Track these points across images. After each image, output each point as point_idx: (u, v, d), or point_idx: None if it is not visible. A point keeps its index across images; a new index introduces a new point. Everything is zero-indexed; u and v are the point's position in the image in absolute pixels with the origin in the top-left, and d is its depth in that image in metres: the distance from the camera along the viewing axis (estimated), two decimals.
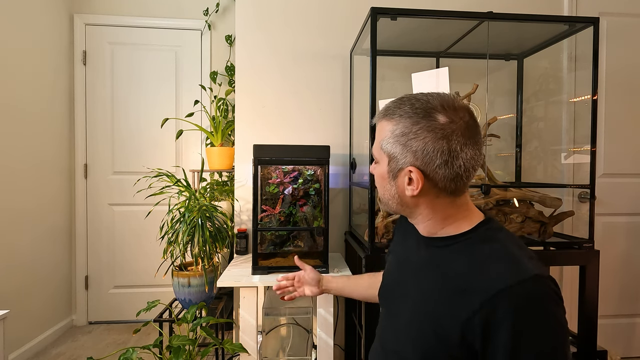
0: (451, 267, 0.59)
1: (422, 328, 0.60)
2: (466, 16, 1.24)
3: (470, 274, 0.56)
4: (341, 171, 1.69)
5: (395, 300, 0.70)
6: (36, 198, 1.93)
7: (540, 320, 0.50)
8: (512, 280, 0.51)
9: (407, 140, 0.59)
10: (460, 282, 0.56)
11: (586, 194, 1.41)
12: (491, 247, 0.58)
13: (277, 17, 1.67)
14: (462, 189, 0.62)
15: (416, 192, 0.60)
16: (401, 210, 0.67)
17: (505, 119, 1.70)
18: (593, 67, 1.23)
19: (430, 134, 0.57)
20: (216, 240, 1.38)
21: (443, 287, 0.59)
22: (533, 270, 0.53)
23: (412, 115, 0.59)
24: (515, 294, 0.50)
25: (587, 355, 1.21)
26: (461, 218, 0.63)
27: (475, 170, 0.61)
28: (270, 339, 1.32)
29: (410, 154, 0.59)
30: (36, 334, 1.94)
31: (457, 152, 0.57)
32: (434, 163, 0.58)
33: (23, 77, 1.85)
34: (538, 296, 0.51)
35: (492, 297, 0.51)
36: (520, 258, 0.55)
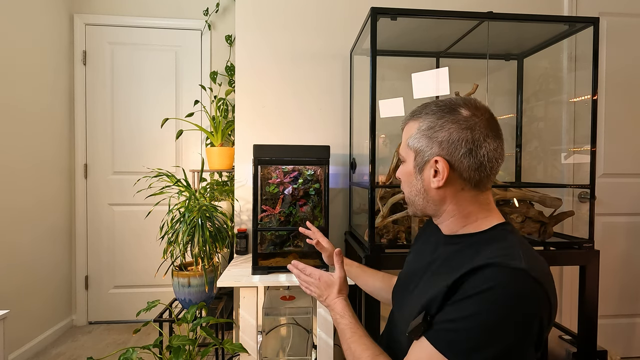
0: (457, 260, 0.61)
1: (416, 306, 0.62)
2: (466, 16, 1.24)
3: (465, 259, 0.58)
4: (341, 171, 1.69)
5: (404, 295, 0.73)
6: (36, 198, 1.93)
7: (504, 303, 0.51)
8: (499, 261, 0.54)
9: (433, 132, 0.63)
10: (454, 266, 0.59)
11: (586, 194, 1.41)
12: (497, 244, 0.60)
13: (277, 17, 1.67)
14: (485, 182, 0.64)
15: (442, 183, 0.62)
16: (427, 207, 0.68)
17: (505, 119, 1.70)
18: (593, 67, 1.23)
19: (454, 125, 0.61)
20: (216, 240, 1.38)
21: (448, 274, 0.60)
22: (522, 265, 0.53)
23: (437, 112, 0.63)
24: (496, 272, 0.53)
25: (587, 355, 1.21)
26: (482, 217, 0.65)
27: (499, 163, 0.64)
28: (270, 339, 1.32)
29: (436, 145, 0.62)
30: (36, 334, 1.94)
31: (481, 141, 0.61)
32: (459, 152, 0.61)
33: (23, 77, 1.85)
34: (516, 286, 0.52)
35: (476, 268, 0.54)
36: (517, 254, 0.56)
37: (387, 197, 1.35)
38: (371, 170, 1.18)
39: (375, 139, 1.18)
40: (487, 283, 0.52)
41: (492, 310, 0.51)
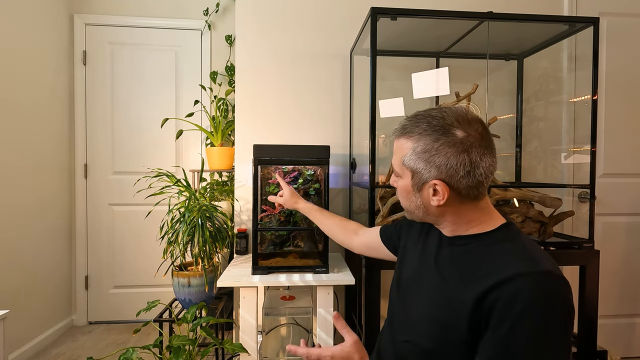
0: (469, 261, 0.63)
1: (435, 316, 0.64)
2: (466, 16, 1.24)
3: (486, 265, 0.60)
4: (341, 171, 1.69)
5: (412, 293, 0.73)
6: (36, 197, 1.93)
7: (542, 312, 0.52)
8: (524, 270, 0.55)
9: (430, 156, 0.63)
10: (476, 272, 0.60)
11: (586, 194, 1.41)
12: (512, 246, 0.62)
13: (277, 17, 1.67)
14: (483, 192, 0.66)
15: (442, 202, 0.64)
16: (427, 218, 0.71)
17: (505, 119, 1.70)
18: (593, 67, 1.23)
19: (451, 149, 0.62)
20: (216, 240, 1.38)
21: (460, 278, 0.63)
22: (547, 266, 0.56)
23: (431, 133, 0.63)
24: (525, 282, 0.54)
25: (587, 355, 1.21)
26: (484, 221, 0.67)
27: (493, 174, 0.66)
28: (270, 339, 1.32)
29: (434, 169, 0.63)
30: (36, 334, 1.94)
31: (478, 162, 0.62)
32: (458, 175, 0.62)
33: (23, 77, 1.85)
34: (546, 289, 0.54)
35: (503, 281, 0.55)
36: (536, 256, 0.59)
37: (387, 197, 1.35)
38: (371, 170, 1.18)
39: (375, 139, 1.18)
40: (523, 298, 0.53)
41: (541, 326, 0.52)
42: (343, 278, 1.26)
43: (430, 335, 0.64)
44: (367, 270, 1.15)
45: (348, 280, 1.25)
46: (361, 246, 1.04)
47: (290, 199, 1.16)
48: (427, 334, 0.64)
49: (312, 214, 1.14)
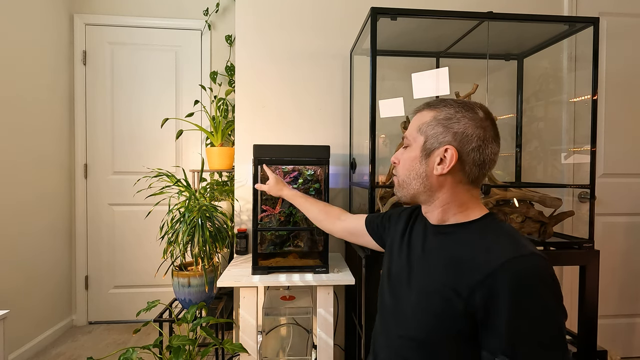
0: (457, 250, 0.66)
1: (427, 307, 0.65)
2: (466, 16, 1.24)
3: (475, 254, 0.62)
4: (341, 171, 1.69)
5: (403, 286, 0.74)
6: (36, 199, 1.93)
7: (536, 290, 0.56)
8: (511, 255, 0.58)
9: (450, 123, 0.67)
10: (465, 261, 0.62)
11: (586, 194, 1.41)
12: (494, 233, 0.65)
13: (277, 17, 1.67)
14: (480, 180, 0.70)
15: (446, 170, 0.67)
16: (421, 193, 0.72)
17: (505, 119, 1.70)
18: (593, 67, 1.23)
19: (471, 122, 0.67)
20: (216, 240, 1.38)
21: (449, 268, 0.64)
22: (531, 249, 0.60)
23: (456, 106, 0.69)
24: (514, 267, 0.57)
25: (587, 355, 1.21)
26: (472, 207, 0.70)
27: (494, 166, 0.70)
28: (270, 339, 1.32)
29: (450, 135, 0.67)
30: (36, 334, 1.94)
31: (489, 141, 0.67)
32: (470, 146, 0.66)
33: (23, 77, 1.85)
34: (535, 269, 0.57)
35: (494, 270, 0.57)
36: (519, 240, 0.62)
37: (387, 197, 1.35)
38: (371, 170, 1.18)
39: (375, 139, 1.18)
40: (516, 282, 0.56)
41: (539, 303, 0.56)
42: (343, 278, 1.26)
43: (425, 327, 0.65)
44: (367, 270, 1.15)
45: (348, 280, 1.25)
46: (343, 231, 1.07)
47: (275, 186, 1.19)
48: (421, 326, 0.65)
49: (297, 200, 1.17)
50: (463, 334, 0.61)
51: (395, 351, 0.71)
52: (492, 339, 0.57)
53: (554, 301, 0.56)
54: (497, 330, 0.56)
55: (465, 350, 0.61)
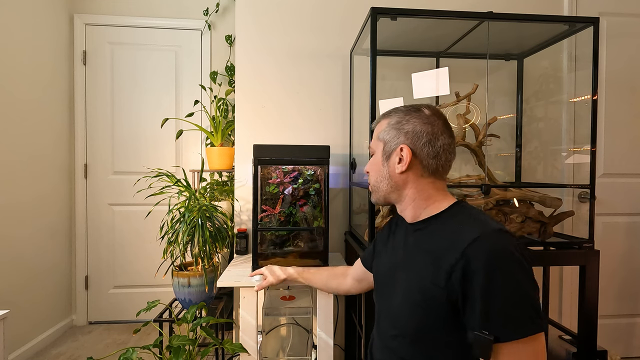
0: (433, 242, 0.70)
1: (413, 302, 0.69)
2: (466, 16, 1.24)
3: (448, 241, 0.67)
4: (341, 171, 1.69)
5: (390, 286, 0.78)
6: (36, 199, 1.93)
7: (507, 262, 0.60)
8: (477, 234, 0.63)
9: (401, 125, 0.76)
10: (441, 249, 0.67)
11: (586, 194, 1.41)
12: (463, 218, 0.70)
13: (277, 17, 1.67)
14: (441, 172, 0.76)
15: (405, 167, 0.74)
16: (391, 192, 0.78)
17: (505, 119, 1.70)
18: (593, 67, 1.23)
19: (418, 120, 0.75)
20: (216, 240, 1.38)
21: (427, 261, 0.69)
22: (497, 226, 0.65)
23: (405, 111, 0.77)
24: (481, 245, 0.61)
25: (587, 355, 1.20)
26: (440, 199, 0.76)
27: (452, 157, 0.77)
28: (270, 339, 1.32)
29: (402, 135, 0.75)
30: (36, 334, 1.94)
31: (438, 135, 0.74)
32: (421, 141, 0.74)
33: (23, 77, 1.85)
34: (500, 245, 0.62)
35: (465, 250, 0.62)
36: (486, 220, 0.68)
37: None
38: None
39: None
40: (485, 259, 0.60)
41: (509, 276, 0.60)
42: None
43: (413, 322, 0.68)
44: None
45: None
46: (353, 283, 1.06)
47: (272, 275, 1.15)
48: (410, 321, 0.69)
49: (304, 275, 1.14)
50: (450, 321, 0.64)
51: (391, 351, 0.73)
52: (471, 316, 0.61)
53: (523, 274, 0.60)
54: (474, 308, 0.60)
55: (457, 339, 0.64)
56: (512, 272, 0.59)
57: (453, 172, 1.68)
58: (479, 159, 1.40)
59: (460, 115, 1.42)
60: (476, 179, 1.35)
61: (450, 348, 0.66)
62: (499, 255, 0.60)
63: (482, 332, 0.59)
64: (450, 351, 0.66)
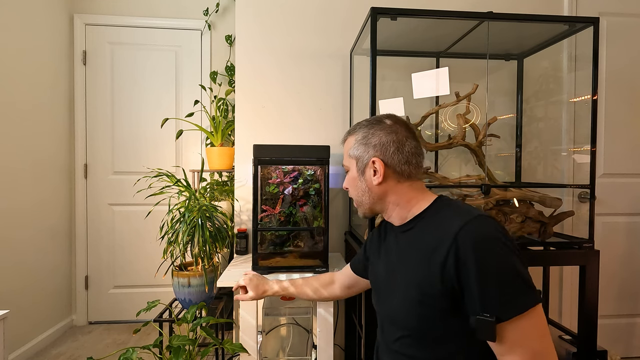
0: (423, 240, 0.72)
1: (412, 297, 0.70)
2: (466, 16, 1.24)
3: (436, 235, 0.69)
4: (341, 171, 1.69)
5: (389, 290, 0.79)
6: (36, 198, 1.93)
7: (493, 243, 0.62)
8: (462, 222, 0.65)
9: (367, 140, 0.78)
10: (431, 244, 0.69)
11: (586, 194, 1.41)
12: (446, 210, 0.73)
13: (277, 17, 1.67)
14: (415, 173, 0.78)
15: (381, 178, 0.76)
16: (374, 204, 0.81)
17: (505, 119, 1.70)
18: (593, 67, 1.23)
19: (382, 131, 0.78)
20: (216, 240, 1.38)
21: (420, 256, 0.70)
22: (478, 212, 0.68)
23: (368, 125, 0.80)
24: (468, 229, 0.64)
25: (587, 355, 1.20)
26: (421, 199, 0.78)
27: (421, 158, 0.80)
28: (270, 339, 1.32)
29: (371, 149, 0.78)
30: (36, 334, 1.94)
31: (403, 141, 0.77)
32: (389, 151, 0.76)
33: (23, 77, 1.85)
34: (486, 227, 0.64)
35: (453, 240, 0.64)
36: (468, 208, 0.71)
37: None
38: None
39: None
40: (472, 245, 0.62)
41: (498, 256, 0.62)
42: None
43: (414, 318, 0.69)
44: None
45: None
46: (342, 289, 1.06)
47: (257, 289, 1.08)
48: (411, 318, 0.70)
49: (290, 290, 1.08)
50: (451, 313, 0.65)
51: (398, 353, 0.74)
52: (470, 302, 0.63)
53: (509, 252, 0.62)
54: (472, 293, 0.62)
55: (460, 328, 0.65)
56: (499, 252, 0.62)
57: (453, 172, 1.68)
58: (479, 159, 1.40)
59: (460, 115, 1.42)
60: (476, 179, 1.35)
61: (456, 337, 0.67)
62: (485, 238, 0.63)
63: (484, 315, 0.60)
64: (456, 340, 0.67)
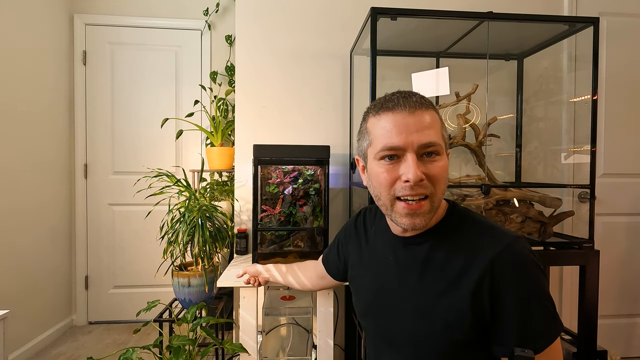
0: (444, 260, 0.62)
1: (432, 328, 0.61)
2: (466, 16, 1.24)
3: (465, 256, 0.60)
4: (341, 171, 1.69)
5: (384, 307, 0.69)
6: (36, 199, 1.93)
7: (533, 272, 0.57)
8: (499, 245, 0.58)
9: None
10: (457, 268, 0.60)
11: (586, 194, 1.41)
12: (471, 226, 0.64)
13: (277, 17, 1.67)
14: None
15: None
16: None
17: (505, 119, 1.70)
18: (593, 67, 1.23)
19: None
20: (216, 240, 1.38)
21: (443, 281, 0.61)
22: (511, 233, 0.61)
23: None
24: (507, 256, 0.57)
25: (587, 355, 1.21)
26: None
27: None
28: (270, 339, 1.32)
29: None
30: (36, 334, 1.94)
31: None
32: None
33: (23, 78, 1.85)
34: (525, 253, 0.58)
35: (489, 265, 0.57)
36: (496, 227, 0.63)
37: None
38: None
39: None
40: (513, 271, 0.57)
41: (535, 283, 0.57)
42: None
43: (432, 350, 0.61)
44: None
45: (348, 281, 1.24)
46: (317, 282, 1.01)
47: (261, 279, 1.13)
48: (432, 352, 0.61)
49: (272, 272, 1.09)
50: (476, 345, 0.59)
51: None
52: (503, 333, 0.57)
53: (544, 279, 0.59)
54: (509, 324, 0.57)
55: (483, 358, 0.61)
56: (537, 281, 0.57)
57: (453, 172, 1.68)
58: (479, 159, 1.40)
59: (460, 115, 1.42)
60: (476, 179, 1.35)
61: None
62: (526, 266, 0.57)
63: (523, 351, 0.55)
64: None
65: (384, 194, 0.62)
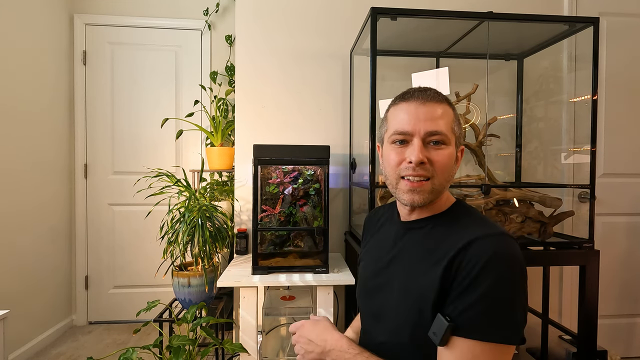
0: (432, 241, 0.66)
1: (412, 305, 0.64)
2: (466, 16, 1.24)
3: (448, 239, 0.63)
4: (341, 171, 1.69)
5: (382, 290, 0.72)
6: (36, 199, 1.93)
7: (501, 263, 0.57)
8: (482, 233, 0.60)
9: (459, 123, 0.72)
10: (440, 248, 0.63)
11: (586, 194, 1.41)
12: (468, 219, 0.67)
13: (277, 17, 1.67)
14: None
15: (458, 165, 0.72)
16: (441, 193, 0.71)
17: (505, 119, 1.70)
18: (593, 67, 1.23)
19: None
20: (216, 240, 1.38)
21: (430, 263, 0.64)
22: (501, 230, 0.62)
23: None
24: (486, 243, 0.58)
25: (587, 355, 1.21)
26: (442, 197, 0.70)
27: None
28: (270, 339, 1.32)
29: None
30: (36, 334, 1.94)
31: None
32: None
33: (23, 78, 1.85)
34: (503, 246, 0.58)
35: (466, 244, 0.59)
36: (490, 222, 0.65)
37: (387, 197, 1.35)
38: (371, 170, 1.18)
39: (376, 139, 1.18)
40: (485, 255, 0.57)
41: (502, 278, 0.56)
42: (343, 278, 1.26)
43: (410, 323, 0.63)
44: None
45: (348, 280, 1.25)
46: None
47: None
48: (406, 324, 0.64)
49: None
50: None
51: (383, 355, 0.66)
52: (453, 303, 0.58)
53: (521, 285, 0.57)
54: (459, 297, 0.57)
55: None
56: (503, 278, 0.56)
57: None
58: (479, 159, 1.40)
59: (460, 115, 1.42)
60: (476, 179, 1.35)
61: None
62: (500, 258, 0.57)
63: (445, 317, 0.56)
64: None
65: (391, 173, 0.68)
